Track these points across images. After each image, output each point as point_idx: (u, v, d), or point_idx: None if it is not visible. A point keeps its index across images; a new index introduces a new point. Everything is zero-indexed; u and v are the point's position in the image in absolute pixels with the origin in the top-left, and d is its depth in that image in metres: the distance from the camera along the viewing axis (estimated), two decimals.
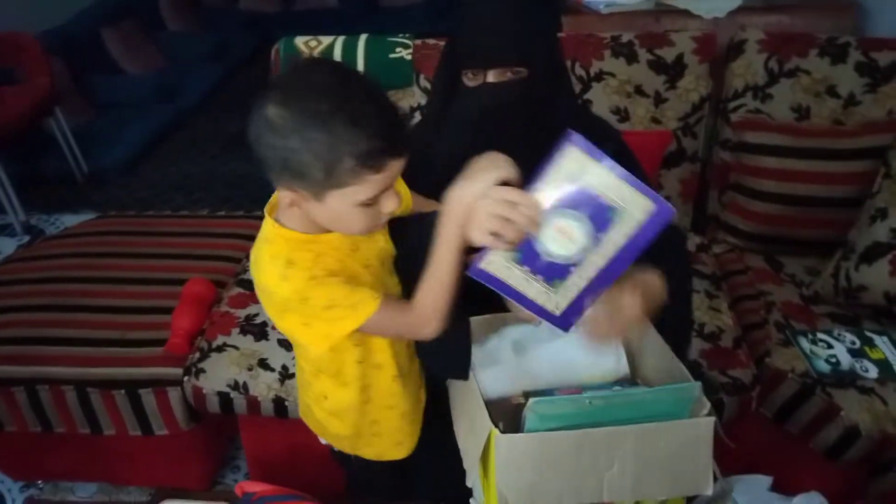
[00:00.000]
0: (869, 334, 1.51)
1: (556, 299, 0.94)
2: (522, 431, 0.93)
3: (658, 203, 0.87)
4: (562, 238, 0.89)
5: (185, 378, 1.51)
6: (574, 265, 0.91)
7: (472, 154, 0.94)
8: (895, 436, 1.32)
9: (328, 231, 0.92)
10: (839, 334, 1.51)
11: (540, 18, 1.04)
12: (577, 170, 0.86)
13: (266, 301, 0.95)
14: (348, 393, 1.06)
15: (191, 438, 1.62)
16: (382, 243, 1.01)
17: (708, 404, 0.96)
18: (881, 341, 1.49)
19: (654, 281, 1.01)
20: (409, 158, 0.86)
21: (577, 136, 0.85)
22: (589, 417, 0.93)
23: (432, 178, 0.99)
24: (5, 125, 2.92)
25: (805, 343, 1.49)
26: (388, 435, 1.14)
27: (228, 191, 3.25)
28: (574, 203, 0.88)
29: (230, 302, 1.68)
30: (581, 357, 1.05)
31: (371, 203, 0.85)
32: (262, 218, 0.96)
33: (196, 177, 3.44)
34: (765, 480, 1.44)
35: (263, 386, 1.48)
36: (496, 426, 0.91)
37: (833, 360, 1.45)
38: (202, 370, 1.51)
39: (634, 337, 1.06)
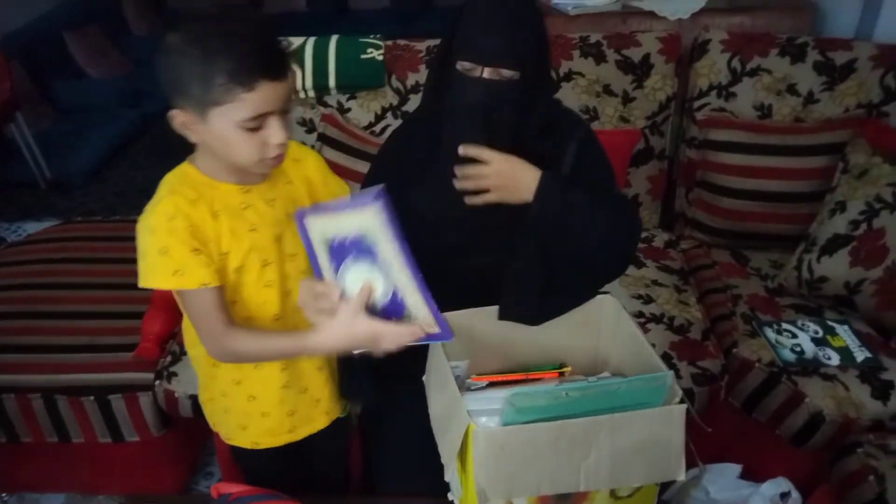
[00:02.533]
0: (831, 323, 1.56)
1: (421, 322, 0.97)
2: (500, 424, 0.94)
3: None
4: (366, 285, 0.96)
5: (157, 382, 1.49)
6: (395, 294, 0.96)
7: (454, 139, 1.04)
8: (857, 420, 1.37)
9: (227, 172, 0.97)
10: (803, 324, 1.56)
11: (538, 26, 1.07)
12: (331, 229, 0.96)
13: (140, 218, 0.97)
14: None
15: (162, 445, 1.60)
16: (300, 203, 1.05)
17: (680, 392, 0.98)
18: (842, 330, 1.53)
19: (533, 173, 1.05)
20: (287, 87, 0.90)
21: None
22: (565, 409, 0.94)
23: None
24: None
25: (771, 333, 1.53)
26: (234, 414, 1.15)
27: None
28: (339, 257, 0.96)
29: None
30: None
31: (254, 128, 0.89)
32: None
33: None
34: (734, 468, 1.48)
35: None
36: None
37: (798, 348, 1.49)
38: (174, 374, 1.49)
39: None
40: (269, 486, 1.09)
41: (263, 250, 1.02)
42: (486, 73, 1.05)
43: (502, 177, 1.04)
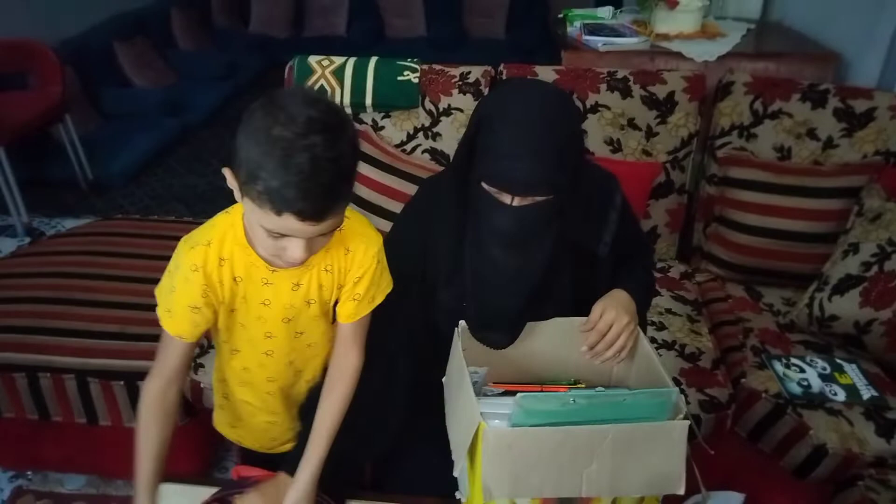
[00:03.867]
0: (839, 361, 1.58)
1: None
2: (509, 426, 0.99)
3: None
4: None
5: None
6: None
7: (486, 258, 1.07)
8: (860, 455, 1.39)
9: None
10: (811, 360, 1.59)
11: (569, 137, 1.02)
12: None
13: None
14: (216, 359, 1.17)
15: (184, 434, 1.64)
16: (324, 296, 1.05)
17: (685, 409, 1.03)
18: (850, 368, 1.56)
19: (622, 296, 1.12)
20: (322, 233, 0.88)
21: None
22: (572, 416, 0.99)
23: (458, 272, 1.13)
24: (16, 129, 2.99)
25: (779, 367, 1.57)
26: (227, 411, 1.22)
27: (230, 205, 3.32)
28: None
29: None
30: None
31: (274, 237, 0.88)
32: None
33: (199, 189, 3.52)
34: (738, 497, 1.50)
35: None
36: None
37: (805, 383, 1.52)
38: (201, 365, 1.56)
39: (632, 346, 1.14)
40: None
41: (269, 324, 1.05)
42: (517, 200, 1.01)
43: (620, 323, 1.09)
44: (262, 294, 1.02)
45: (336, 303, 1.09)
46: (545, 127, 0.98)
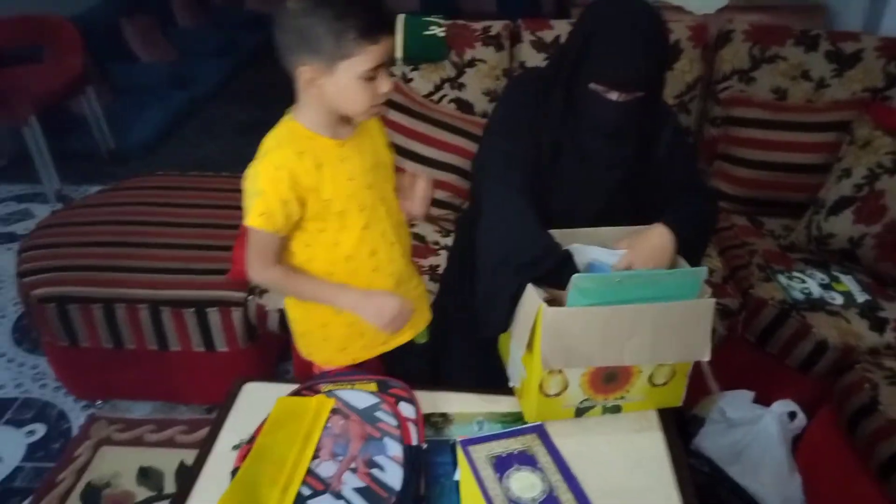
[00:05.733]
0: (836, 273, 1.78)
1: None
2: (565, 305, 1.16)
3: None
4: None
5: (250, 297, 1.73)
6: (552, 493, 1.09)
7: (582, 150, 1.26)
8: (856, 347, 1.58)
9: (324, 125, 1.12)
10: (811, 273, 1.78)
11: (664, 48, 1.22)
12: None
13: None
14: None
15: (246, 356, 1.82)
16: (380, 155, 1.23)
17: (709, 290, 1.20)
18: (846, 278, 1.76)
19: (656, 240, 1.24)
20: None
21: None
22: (619, 294, 1.15)
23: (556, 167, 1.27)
24: (44, 99, 3.09)
25: (783, 279, 1.76)
26: (335, 340, 1.30)
27: (247, 170, 3.45)
28: (503, 468, 1.12)
29: None
30: None
31: (371, 77, 1.04)
32: None
33: (215, 157, 3.65)
34: (748, 394, 1.70)
35: None
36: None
37: (806, 291, 1.71)
38: (265, 291, 1.72)
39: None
40: None
41: (359, 196, 1.18)
42: (620, 96, 1.20)
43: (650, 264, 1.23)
44: (345, 171, 1.15)
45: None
46: (651, 34, 1.17)
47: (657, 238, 1.25)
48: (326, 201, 1.15)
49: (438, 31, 2.08)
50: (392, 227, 1.25)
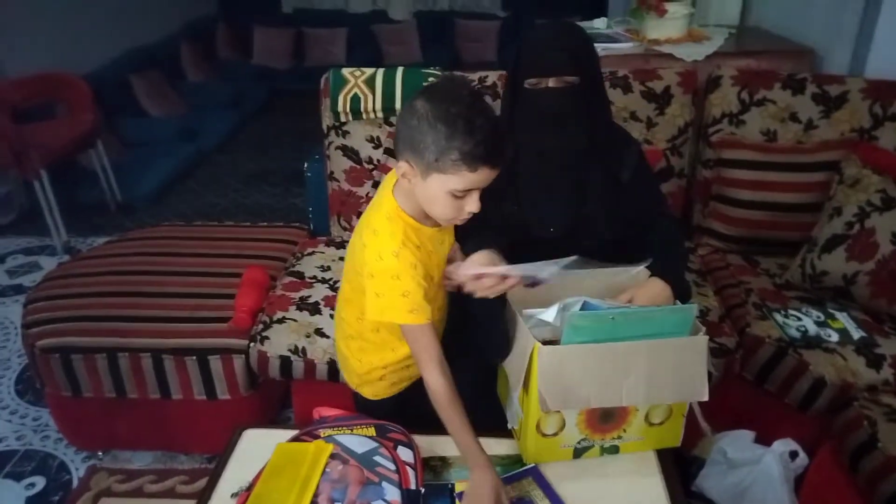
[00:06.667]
0: (831, 311, 1.79)
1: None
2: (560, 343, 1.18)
3: None
4: None
5: (251, 344, 1.75)
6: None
7: (536, 145, 1.32)
8: (854, 384, 1.59)
9: (425, 216, 1.19)
10: (806, 311, 1.79)
11: (588, 40, 1.34)
12: None
13: (372, 258, 1.17)
14: (378, 353, 1.34)
15: (248, 404, 1.83)
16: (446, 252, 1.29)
17: (702, 327, 1.22)
18: (841, 316, 1.77)
19: (656, 289, 1.29)
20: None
21: None
22: (612, 332, 1.18)
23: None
24: (56, 154, 3.19)
25: (779, 317, 1.77)
26: (390, 377, 1.38)
27: (253, 219, 3.51)
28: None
29: (284, 288, 1.93)
30: None
31: (459, 196, 1.11)
32: (299, 227, 1.22)
33: (221, 206, 3.73)
34: (748, 435, 1.70)
35: (320, 350, 1.72)
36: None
37: (802, 329, 1.72)
38: (266, 337, 1.74)
39: None
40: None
41: (439, 270, 1.28)
42: (552, 82, 1.29)
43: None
44: (443, 253, 1.26)
45: None
46: (568, 27, 1.34)
47: (658, 288, 1.30)
48: (430, 278, 1.23)
49: None
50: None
